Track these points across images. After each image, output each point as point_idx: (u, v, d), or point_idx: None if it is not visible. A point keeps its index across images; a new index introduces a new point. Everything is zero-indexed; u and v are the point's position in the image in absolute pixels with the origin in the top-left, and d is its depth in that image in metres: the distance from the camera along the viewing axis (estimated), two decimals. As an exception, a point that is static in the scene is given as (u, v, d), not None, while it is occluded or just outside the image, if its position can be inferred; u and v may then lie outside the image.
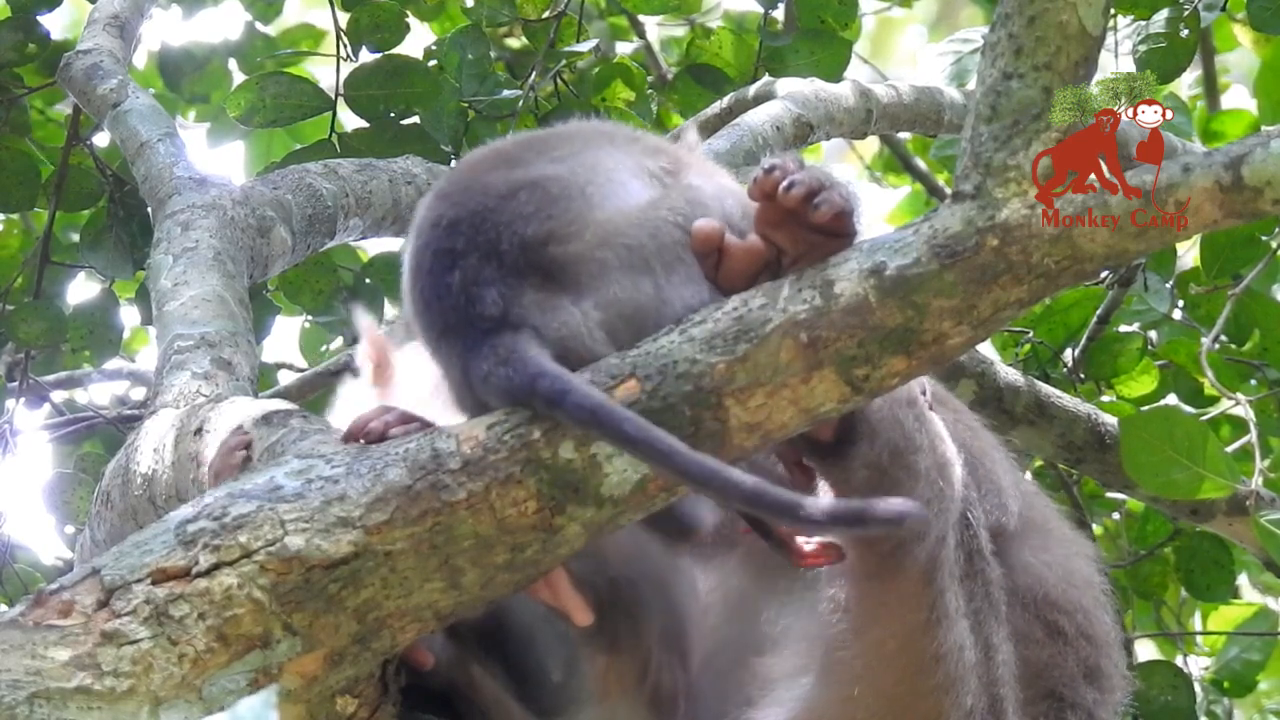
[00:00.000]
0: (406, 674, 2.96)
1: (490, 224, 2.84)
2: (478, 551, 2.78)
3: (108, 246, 5.04)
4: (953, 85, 5.07)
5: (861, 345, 2.76)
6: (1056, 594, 3.29)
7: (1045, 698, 3.25)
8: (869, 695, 3.06)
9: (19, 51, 5.04)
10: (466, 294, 2.82)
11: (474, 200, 2.88)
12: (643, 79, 5.24)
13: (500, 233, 2.84)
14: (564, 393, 2.72)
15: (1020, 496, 3.36)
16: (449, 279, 2.83)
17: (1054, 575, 3.30)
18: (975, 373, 4.64)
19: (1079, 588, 3.33)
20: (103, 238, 5.05)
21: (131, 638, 2.71)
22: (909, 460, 2.99)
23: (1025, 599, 3.25)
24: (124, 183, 5.02)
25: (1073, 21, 2.76)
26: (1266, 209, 2.68)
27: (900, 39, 8.18)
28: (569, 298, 2.82)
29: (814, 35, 5.15)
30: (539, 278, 2.82)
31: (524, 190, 2.87)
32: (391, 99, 4.91)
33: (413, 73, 4.91)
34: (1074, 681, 3.27)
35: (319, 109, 4.96)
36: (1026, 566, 3.27)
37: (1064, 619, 3.28)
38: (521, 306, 2.80)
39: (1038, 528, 3.36)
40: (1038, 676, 3.24)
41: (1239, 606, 5.49)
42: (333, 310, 5.27)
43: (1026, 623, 3.24)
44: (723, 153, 4.41)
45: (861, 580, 3.06)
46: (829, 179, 2.80)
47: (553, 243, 2.83)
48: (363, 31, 4.98)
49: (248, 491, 2.81)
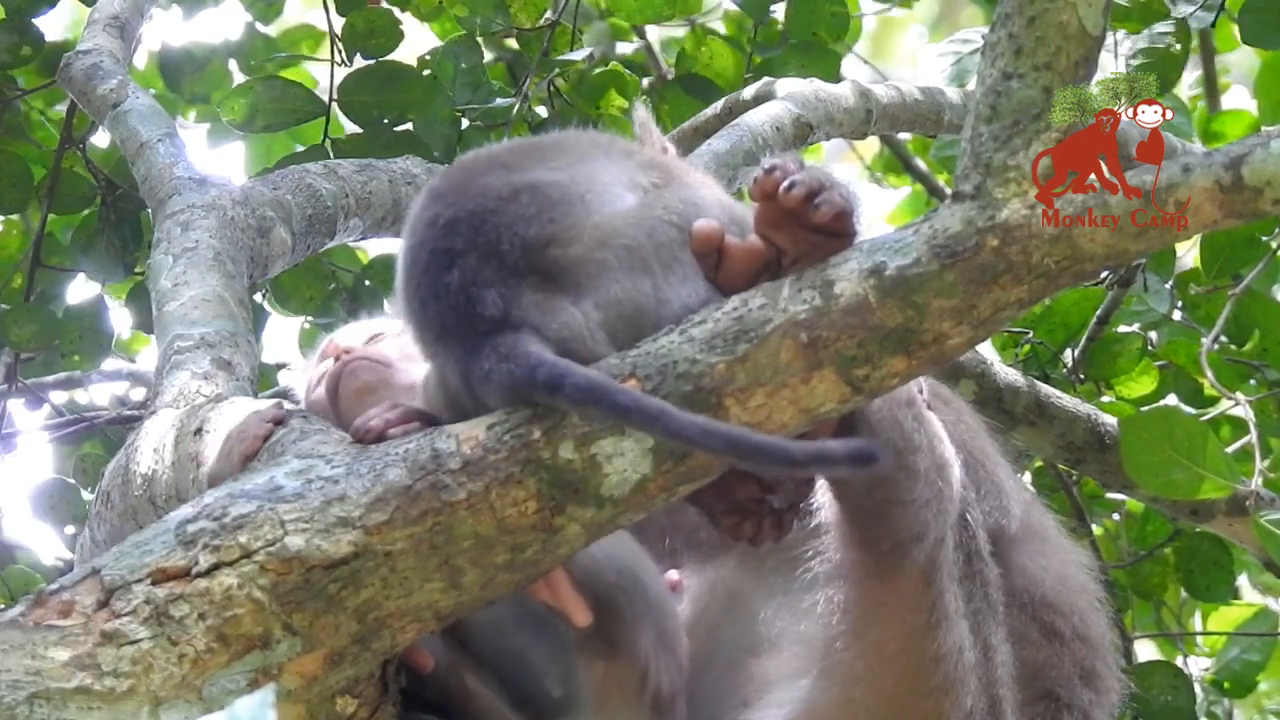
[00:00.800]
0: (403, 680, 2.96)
1: (490, 225, 2.84)
2: (478, 551, 2.78)
3: (99, 250, 5.05)
4: (953, 86, 5.06)
5: (861, 345, 2.76)
6: (1053, 597, 3.29)
7: (1042, 698, 3.25)
8: (869, 696, 3.06)
9: (13, 54, 5.04)
10: (466, 294, 2.81)
11: (472, 200, 2.88)
12: (636, 86, 5.24)
13: (500, 233, 2.84)
14: (563, 376, 2.73)
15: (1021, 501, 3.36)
16: (447, 279, 2.83)
17: (1050, 579, 3.31)
18: (975, 373, 4.64)
19: (1075, 592, 3.33)
20: (94, 241, 5.06)
21: (131, 638, 2.71)
22: (907, 460, 2.99)
23: (1022, 600, 3.25)
24: (116, 186, 5.03)
25: (1073, 21, 2.76)
26: (1266, 209, 2.68)
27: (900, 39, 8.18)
28: (569, 299, 2.82)
29: (804, 48, 5.16)
30: (538, 279, 2.82)
31: (525, 193, 2.87)
32: (385, 105, 4.91)
33: (406, 79, 4.92)
34: (1070, 682, 3.27)
35: (313, 114, 4.96)
36: (1023, 569, 3.28)
37: (1060, 621, 3.28)
38: (521, 308, 2.80)
39: (1035, 534, 3.37)
40: (1034, 677, 3.24)
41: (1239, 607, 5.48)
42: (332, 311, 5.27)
43: (1023, 624, 3.24)
44: (723, 153, 4.41)
45: (861, 581, 3.06)
46: (829, 179, 2.80)
47: (554, 245, 2.83)
48: (357, 37, 4.98)
49: (248, 491, 2.81)
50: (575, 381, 2.73)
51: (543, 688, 3.11)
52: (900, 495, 2.99)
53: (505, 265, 2.82)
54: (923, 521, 3.01)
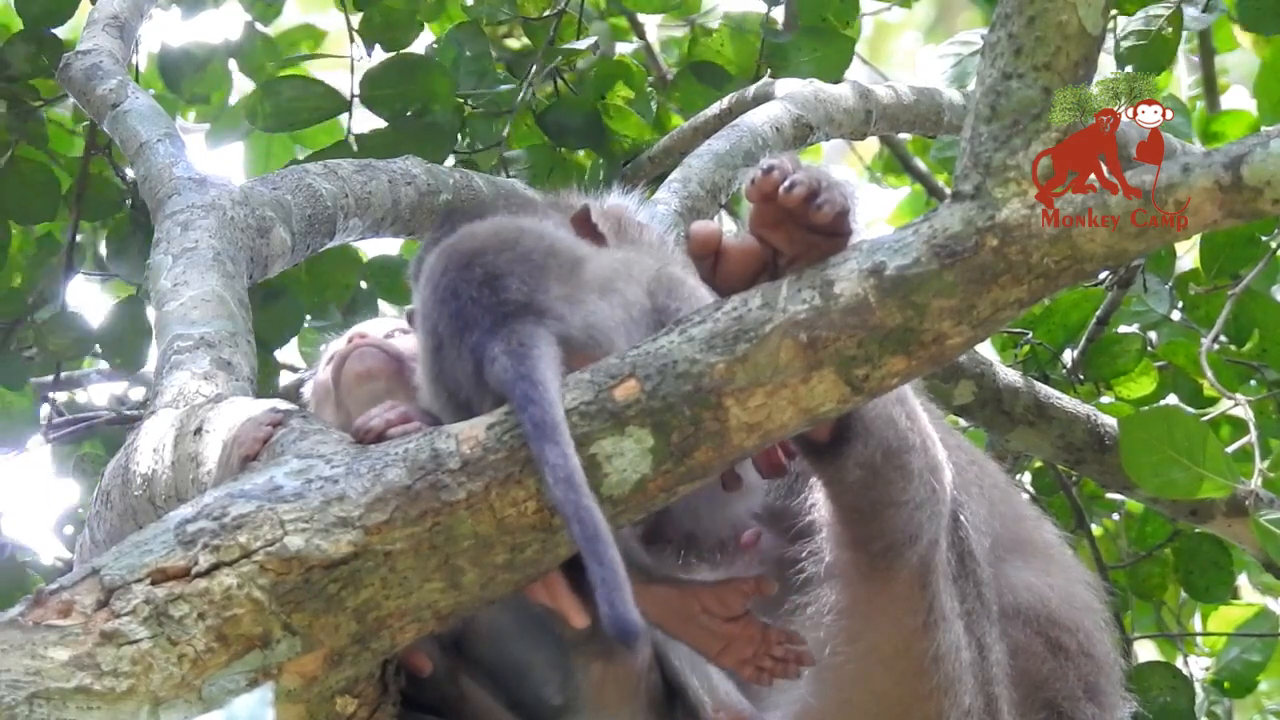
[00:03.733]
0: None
1: (518, 241, 2.93)
2: (477, 551, 2.78)
3: (132, 253, 5.06)
4: (953, 87, 5.07)
5: (861, 345, 2.76)
6: (1060, 614, 3.29)
7: (1044, 709, 3.25)
8: (867, 698, 3.06)
9: (32, 63, 5.04)
10: (490, 285, 2.86)
11: (496, 240, 2.95)
12: (643, 78, 5.24)
13: (529, 244, 2.92)
14: (530, 403, 2.73)
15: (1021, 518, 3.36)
16: (469, 274, 2.88)
17: (1057, 596, 3.30)
18: (975, 374, 4.65)
19: (1080, 610, 3.33)
20: (127, 244, 5.07)
21: (131, 638, 2.71)
22: (902, 460, 2.99)
23: (1028, 616, 3.25)
24: (143, 189, 5.04)
25: (1072, 21, 2.76)
26: (1266, 209, 2.68)
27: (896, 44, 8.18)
28: (594, 294, 2.87)
29: (816, 33, 5.16)
30: (563, 274, 2.87)
31: (551, 243, 2.97)
32: (407, 97, 4.92)
33: (427, 70, 4.92)
34: (1074, 696, 3.27)
35: (334, 111, 4.98)
36: (1030, 586, 3.28)
37: (1066, 636, 3.28)
38: (546, 294, 2.83)
39: (1040, 551, 3.36)
40: (1038, 688, 3.24)
41: (1239, 607, 5.49)
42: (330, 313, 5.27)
43: (1028, 638, 3.24)
44: (722, 153, 4.41)
45: (854, 584, 3.06)
46: (828, 178, 2.80)
47: (580, 262, 2.92)
48: (375, 30, 4.99)
49: (247, 491, 2.81)
50: (532, 415, 2.73)
51: (542, 695, 3.11)
52: (895, 496, 2.99)
53: (531, 261, 2.88)
54: (916, 523, 3.01)
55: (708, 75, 5.27)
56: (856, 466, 2.96)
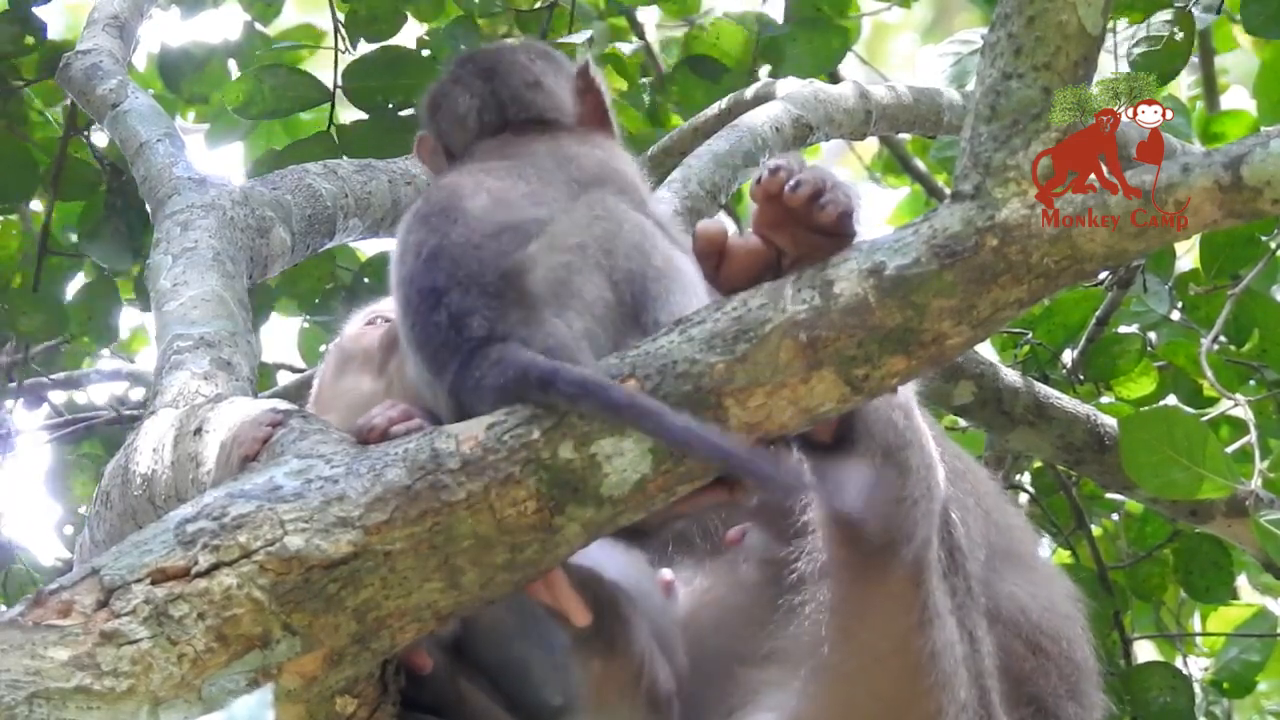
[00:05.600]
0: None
1: (473, 258, 2.89)
2: (477, 551, 2.78)
3: (106, 236, 5.06)
4: (953, 87, 5.07)
5: (861, 345, 2.76)
6: (1042, 621, 3.29)
7: (1028, 703, 3.25)
8: (864, 697, 3.06)
9: (16, 43, 5.04)
10: (455, 327, 2.86)
11: (456, 231, 2.92)
12: (636, 69, 5.24)
13: (483, 267, 2.89)
14: (554, 371, 2.76)
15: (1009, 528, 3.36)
16: (436, 318, 2.87)
17: (1038, 605, 3.31)
18: (974, 374, 4.65)
19: (1061, 619, 3.34)
20: (101, 228, 5.06)
21: (131, 638, 2.71)
22: (901, 456, 3.00)
23: (1008, 622, 3.26)
24: (121, 172, 5.02)
25: (1072, 21, 2.76)
26: (1266, 209, 2.68)
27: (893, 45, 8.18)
28: (551, 311, 2.85)
29: (811, 24, 5.16)
30: (518, 297, 2.86)
31: (506, 232, 2.91)
32: (390, 90, 4.92)
33: (410, 64, 4.92)
34: (1056, 694, 3.28)
35: (317, 101, 4.97)
36: (1011, 595, 3.29)
37: (1047, 641, 3.29)
38: (507, 324, 2.84)
39: (1023, 562, 3.37)
40: (1020, 684, 3.24)
41: (1238, 607, 5.49)
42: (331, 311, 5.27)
43: (1009, 639, 3.25)
44: (722, 153, 4.41)
45: (848, 583, 3.06)
46: (832, 179, 2.80)
47: (525, 272, 2.87)
48: (360, 23, 4.99)
49: (247, 491, 2.81)
50: (568, 377, 2.75)
51: (541, 697, 3.11)
52: (893, 492, 2.99)
53: (488, 293, 2.87)
54: (912, 520, 3.01)
55: (704, 69, 5.27)
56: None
